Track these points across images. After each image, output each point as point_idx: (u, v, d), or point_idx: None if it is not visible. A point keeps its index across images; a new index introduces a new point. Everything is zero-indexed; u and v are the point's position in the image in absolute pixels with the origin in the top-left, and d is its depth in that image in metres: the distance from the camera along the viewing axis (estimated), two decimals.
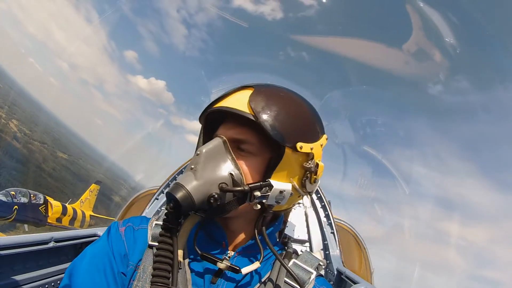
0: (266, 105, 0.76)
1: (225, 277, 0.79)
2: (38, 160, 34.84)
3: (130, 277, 0.77)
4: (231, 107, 0.78)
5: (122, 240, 0.81)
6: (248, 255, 0.83)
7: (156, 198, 4.05)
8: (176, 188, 0.71)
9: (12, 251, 1.64)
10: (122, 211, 4.51)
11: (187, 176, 0.73)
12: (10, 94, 53.25)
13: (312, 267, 0.82)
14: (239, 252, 0.83)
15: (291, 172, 0.79)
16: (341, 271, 3.30)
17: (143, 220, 0.88)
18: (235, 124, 0.80)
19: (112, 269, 0.77)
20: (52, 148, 44.25)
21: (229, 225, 0.84)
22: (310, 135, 0.81)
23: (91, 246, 0.82)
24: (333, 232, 4.04)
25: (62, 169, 39.13)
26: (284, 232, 0.98)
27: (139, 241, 0.82)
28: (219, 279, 0.78)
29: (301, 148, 0.77)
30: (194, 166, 0.74)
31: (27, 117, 46.04)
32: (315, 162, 0.80)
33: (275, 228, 0.88)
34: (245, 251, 0.83)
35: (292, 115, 0.80)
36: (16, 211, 13.49)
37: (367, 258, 4.62)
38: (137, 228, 0.84)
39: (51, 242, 1.95)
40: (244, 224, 0.85)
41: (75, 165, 47.36)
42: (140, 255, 0.79)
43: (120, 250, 0.80)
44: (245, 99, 0.78)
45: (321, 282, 0.85)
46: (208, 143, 0.78)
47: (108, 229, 0.85)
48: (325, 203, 4.25)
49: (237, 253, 0.83)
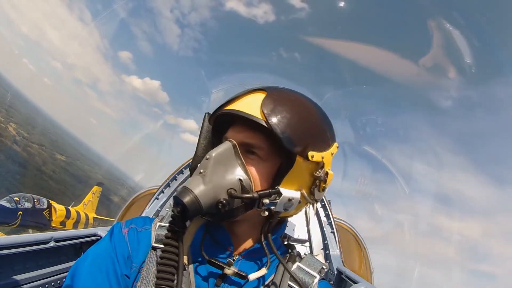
0: (278, 111, 0.75)
1: (229, 281, 0.78)
2: (38, 163, 34.69)
3: (134, 279, 0.76)
4: (243, 111, 0.76)
5: (125, 242, 0.80)
6: (253, 259, 0.83)
7: (156, 198, 4.04)
8: (183, 192, 0.69)
9: (12, 251, 1.63)
10: (122, 211, 4.48)
11: (195, 180, 0.71)
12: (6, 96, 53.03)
13: (315, 270, 0.82)
14: (243, 256, 0.82)
15: (300, 180, 0.78)
16: (341, 270, 3.31)
17: (147, 221, 0.86)
18: (245, 128, 0.78)
19: (115, 271, 0.76)
20: (50, 150, 43.94)
21: (234, 229, 0.83)
22: (321, 144, 0.80)
23: (94, 247, 0.81)
24: (333, 232, 4.04)
25: (62, 171, 38.91)
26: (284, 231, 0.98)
27: (142, 242, 0.81)
28: (223, 283, 0.78)
29: (312, 157, 0.76)
30: (203, 170, 0.72)
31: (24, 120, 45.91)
32: (325, 171, 0.79)
33: (279, 232, 0.88)
34: (250, 255, 0.83)
35: (304, 123, 0.78)
36: (20, 217, 13.32)
37: (367, 258, 4.62)
38: (140, 230, 0.83)
39: (51, 242, 1.94)
40: (249, 228, 0.84)
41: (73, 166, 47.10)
42: (144, 257, 0.78)
43: (123, 251, 0.79)
44: (257, 103, 0.76)
45: (324, 286, 0.84)
46: (218, 147, 0.76)
47: (111, 230, 0.84)
48: (325, 202, 4.25)
49: (242, 257, 0.82)
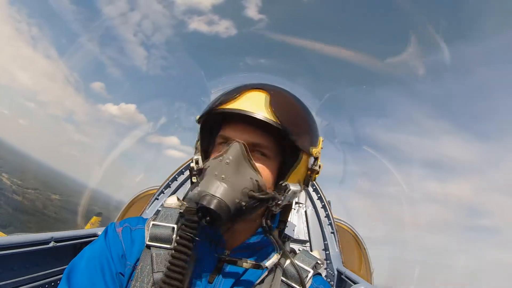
0: (286, 111, 0.78)
1: (223, 275, 0.79)
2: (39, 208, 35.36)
3: (128, 277, 0.77)
4: (252, 111, 0.76)
5: (119, 241, 0.81)
6: (245, 254, 0.82)
7: (156, 198, 4.05)
8: (211, 200, 0.69)
9: (12, 251, 1.64)
10: (121, 212, 4.50)
11: (218, 187, 0.71)
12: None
13: (309, 265, 0.82)
14: (235, 251, 0.82)
15: (301, 174, 0.83)
16: (341, 271, 3.31)
17: (140, 220, 0.87)
18: (250, 127, 0.78)
19: (110, 269, 0.76)
20: (45, 191, 44.36)
21: (231, 226, 0.83)
22: (316, 139, 0.86)
23: (88, 247, 0.82)
24: (333, 232, 4.05)
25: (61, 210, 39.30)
26: (284, 232, 0.98)
27: (136, 241, 0.81)
28: (216, 277, 0.78)
29: (313, 153, 0.82)
30: (224, 175, 0.72)
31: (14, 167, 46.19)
32: (318, 163, 0.85)
33: (275, 223, 0.89)
34: (241, 250, 0.83)
35: (305, 121, 0.84)
36: None
37: (367, 258, 4.63)
38: (134, 229, 0.84)
39: (51, 242, 1.94)
40: (246, 224, 0.83)
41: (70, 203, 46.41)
42: (138, 255, 0.79)
43: (117, 250, 0.79)
44: (261, 102, 0.77)
45: (319, 281, 0.84)
46: (231, 149, 0.75)
47: (105, 230, 0.85)
48: (325, 203, 4.26)
49: (233, 252, 0.82)
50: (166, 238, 0.79)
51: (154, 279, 0.74)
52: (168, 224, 0.81)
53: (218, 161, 0.74)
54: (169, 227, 0.81)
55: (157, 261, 0.76)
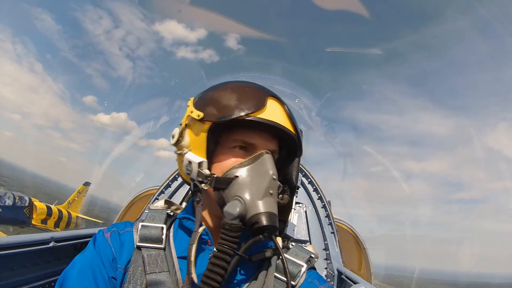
0: (295, 122, 0.84)
1: None
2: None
3: (121, 280, 0.77)
4: (283, 125, 0.80)
5: (108, 245, 0.81)
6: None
7: (156, 198, 4.04)
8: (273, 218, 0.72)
9: (12, 251, 1.64)
10: (121, 212, 4.50)
11: (272, 205, 0.75)
12: None
13: (302, 260, 0.81)
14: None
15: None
16: (341, 271, 3.31)
17: (127, 224, 0.88)
18: (271, 136, 0.83)
19: (102, 275, 0.77)
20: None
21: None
22: None
23: (79, 256, 0.81)
24: (333, 232, 4.05)
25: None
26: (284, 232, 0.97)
27: (125, 243, 0.82)
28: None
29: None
30: (273, 191, 0.76)
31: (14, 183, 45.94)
32: None
33: None
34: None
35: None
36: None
37: (367, 258, 4.63)
38: (122, 232, 0.85)
39: (51, 242, 1.94)
40: None
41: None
42: (128, 257, 0.79)
43: (108, 255, 0.80)
44: (283, 114, 0.83)
45: (313, 275, 0.83)
46: (268, 162, 0.78)
47: (94, 237, 0.85)
48: (325, 203, 4.26)
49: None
50: (156, 238, 0.80)
51: (147, 280, 0.74)
52: (157, 224, 0.82)
53: (261, 174, 0.76)
54: (158, 227, 0.81)
55: (149, 262, 0.76)
